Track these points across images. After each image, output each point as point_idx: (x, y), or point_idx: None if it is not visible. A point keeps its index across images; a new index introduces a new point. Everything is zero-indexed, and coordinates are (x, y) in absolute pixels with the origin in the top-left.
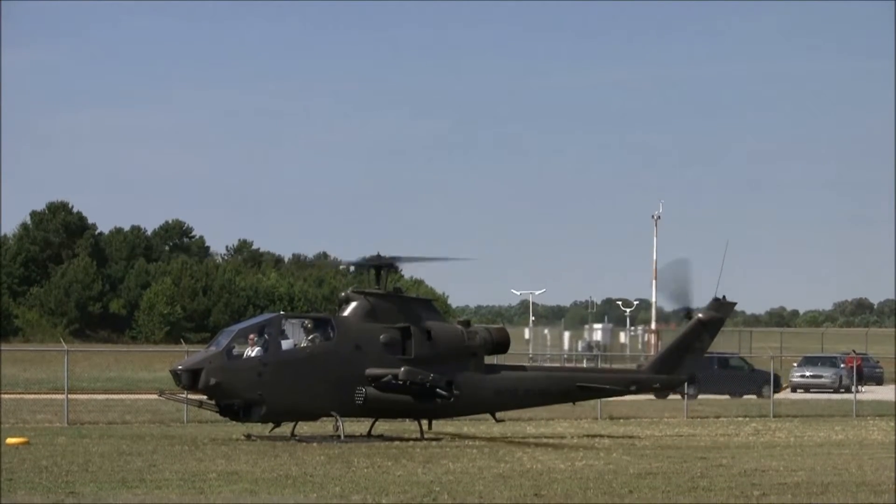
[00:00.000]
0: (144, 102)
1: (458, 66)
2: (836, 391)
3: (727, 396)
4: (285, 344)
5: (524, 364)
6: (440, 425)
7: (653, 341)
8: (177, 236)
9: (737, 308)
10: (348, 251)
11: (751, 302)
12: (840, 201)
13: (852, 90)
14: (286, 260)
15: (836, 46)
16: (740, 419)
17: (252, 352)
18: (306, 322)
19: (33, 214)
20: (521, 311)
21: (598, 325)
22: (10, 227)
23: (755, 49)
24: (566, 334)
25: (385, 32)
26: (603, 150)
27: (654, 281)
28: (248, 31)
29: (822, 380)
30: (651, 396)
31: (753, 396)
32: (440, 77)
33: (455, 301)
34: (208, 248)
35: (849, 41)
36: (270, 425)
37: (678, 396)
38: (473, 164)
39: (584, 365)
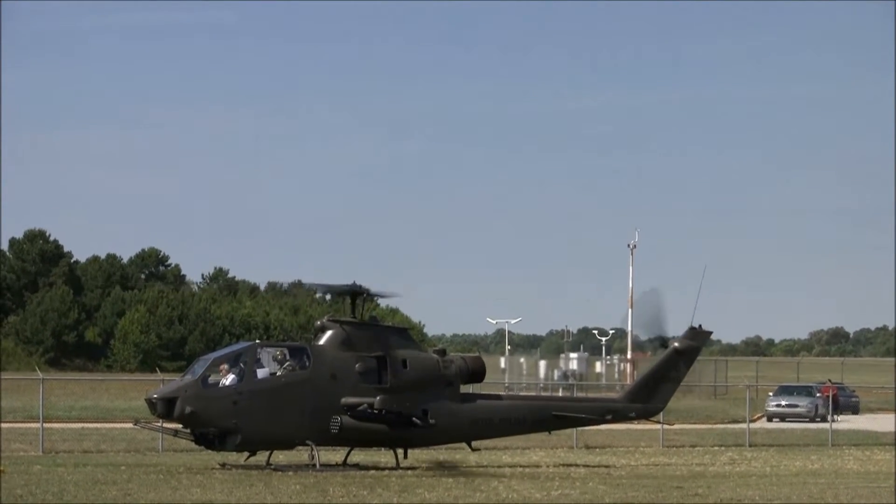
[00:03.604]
0: (120, 129)
1: (434, 91)
2: (812, 420)
3: (703, 425)
4: (261, 373)
5: (500, 393)
6: (416, 454)
7: (629, 370)
8: (152, 264)
9: (713, 337)
10: (324, 279)
11: (727, 331)
12: (816, 231)
13: (834, 117)
14: (262, 288)
15: (815, 66)
16: (716, 448)
17: (227, 380)
18: (282, 351)
19: (12, 242)
20: (496, 340)
21: (573, 355)
22: None
23: (729, 73)
24: (542, 363)
25: (360, 58)
26: (580, 178)
27: (630, 310)
28: (223, 59)
29: (798, 409)
30: (627, 426)
31: (729, 425)
32: (416, 102)
33: (431, 330)
34: (184, 276)
35: (835, 61)
36: (246, 454)
37: (654, 425)
38: (449, 191)
39: (560, 394)
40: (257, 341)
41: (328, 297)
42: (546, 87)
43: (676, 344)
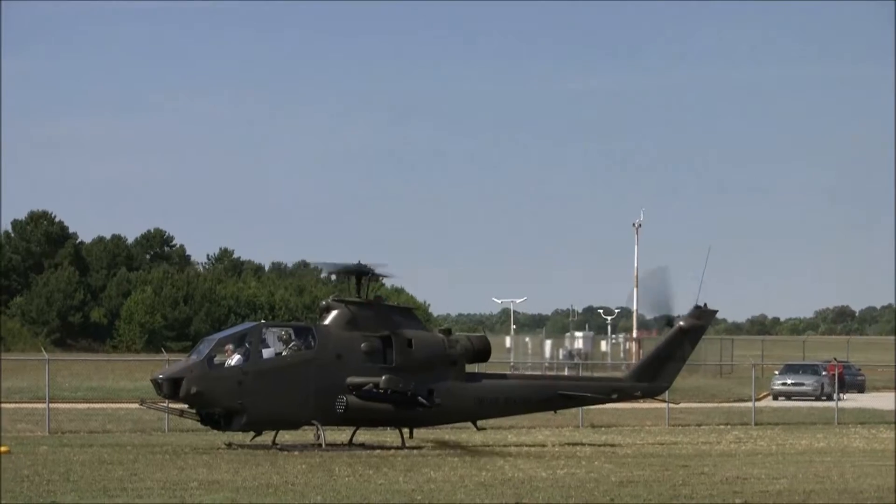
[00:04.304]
0: (125, 111)
1: (437, 73)
2: (818, 399)
3: (709, 404)
4: (266, 353)
5: (505, 372)
6: (421, 434)
7: (634, 349)
8: (157, 245)
9: (718, 316)
10: (328, 259)
11: (732, 310)
12: (822, 209)
13: (837, 97)
14: (266, 268)
15: (817, 52)
16: (722, 427)
17: (233, 361)
18: (287, 331)
19: (15, 223)
20: (502, 320)
21: (579, 334)
22: None
23: (736, 55)
24: (547, 342)
25: (364, 40)
26: (584, 158)
27: (635, 289)
28: (227, 40)
29: (804, 387)
30: (633, 405)
31: (735, 404)
32: (419, 85)
33: (436, 309)
34: (189, 256)
35: (837, 47)
36: (251, 434)
37: (660, 404)
38: (453, 172)
39: (566, 373)
40: (262, 321)
41: (333, 277)
42: (550, 68)
43: (682, 323)
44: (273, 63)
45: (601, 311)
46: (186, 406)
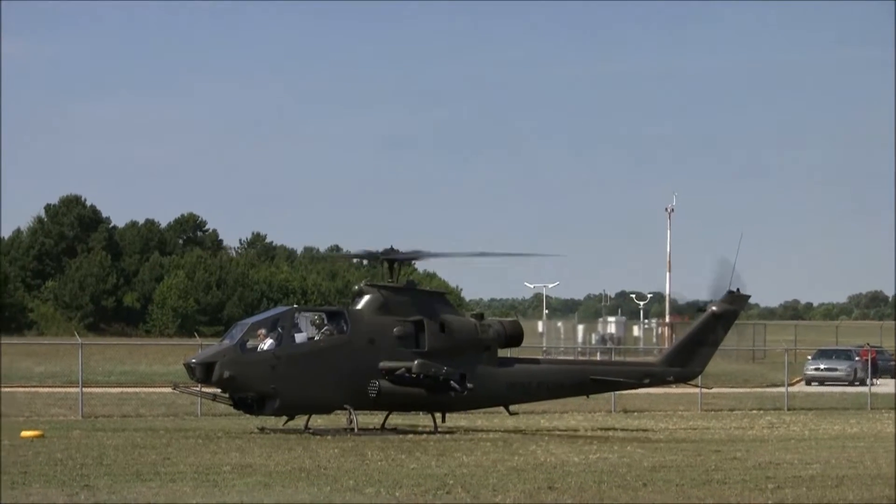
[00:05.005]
0: (157, 96)
1: (466, 58)
2: (851, 384)
3: (741, 389)
4: (299, 337)
5: (538, 357)
6: (454, 418)
7: (667, 334)
8: (190, 230)
9: (751, 301)
10: (360, 244)
11: (765, 295)
12: (855, 194)
13: (861, 81)
14: (298, 253)
15: (841, 37)
16: (755, 412)
17: (265, 345)
18: (320, 315)
19: (47, 208)
20: (534, 304)
21: (611, 318)
22: (23, 221)
23: (765, 38)
24: (580, 327)
25: (391, 26)
26: (617, 143)
27: (668, 273)
28: (258, 26)
29: (837, 373)
30: (665, 390)
31: (767, 389)
32: (448, 70)
33: (468, 294)
34: (222, 241)
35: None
36: (284, 418)
37: (692, 389)
38: (486, 156)
39: (598, 358)
40: (295, 306)
41: (365, 261)
42: (582, 50)
43: (714, 308)
44: (303, 49)
45: (634, 295)
46: (219, 390)
